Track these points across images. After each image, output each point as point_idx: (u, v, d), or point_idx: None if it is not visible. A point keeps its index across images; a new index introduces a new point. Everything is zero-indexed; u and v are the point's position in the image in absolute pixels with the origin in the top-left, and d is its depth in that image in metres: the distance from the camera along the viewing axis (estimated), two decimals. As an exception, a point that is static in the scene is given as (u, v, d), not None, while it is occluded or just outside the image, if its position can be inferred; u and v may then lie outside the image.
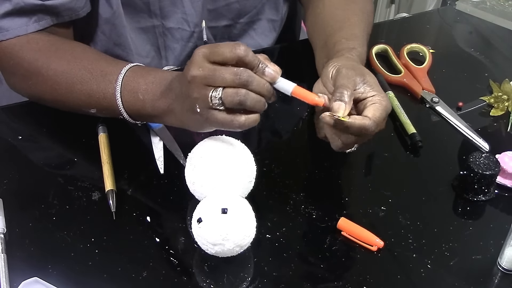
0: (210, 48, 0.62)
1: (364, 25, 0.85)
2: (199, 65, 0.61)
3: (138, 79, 0.71)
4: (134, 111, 0.72)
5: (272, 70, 0.62)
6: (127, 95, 0.71)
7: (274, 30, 1.02)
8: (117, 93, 0.71)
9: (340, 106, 0.64)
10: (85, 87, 0.74)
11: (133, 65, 0.74)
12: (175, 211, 0.70)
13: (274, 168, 0.76)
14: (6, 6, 0.74)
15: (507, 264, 0.64)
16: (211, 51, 0.61)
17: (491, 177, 0.71)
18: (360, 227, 0.67)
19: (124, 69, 0.72)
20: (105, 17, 0.86)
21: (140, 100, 0.70)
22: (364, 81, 0.68)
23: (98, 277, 0.62)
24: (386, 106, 0.67)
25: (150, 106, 0.70)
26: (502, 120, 0.88)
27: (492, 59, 1.03)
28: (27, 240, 0.65)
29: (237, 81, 0.60)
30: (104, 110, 0.75)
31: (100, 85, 0.73)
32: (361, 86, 0.68)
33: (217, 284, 0.62)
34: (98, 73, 0.73)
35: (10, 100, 0.85)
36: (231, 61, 0.61)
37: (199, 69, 0.61)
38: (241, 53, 0.60)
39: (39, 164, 0.77)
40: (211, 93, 0.61)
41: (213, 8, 0.93)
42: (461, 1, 1.16)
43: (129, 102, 0.72)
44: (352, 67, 0.70)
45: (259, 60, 0.62)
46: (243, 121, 0.62)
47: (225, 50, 0.61)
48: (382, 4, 2.13)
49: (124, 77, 0.72)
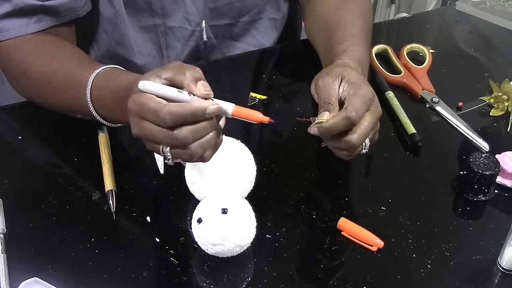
0: (138, 108, 0.57)
1: (361, 22, 0.85)
2: (137, 125, 0.58)
3: (103, 90, 0.69)
4: (110, 119, 0.72)
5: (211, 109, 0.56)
6: (98, 105, 0.71)
7: (276, 29, 1.02)
8: (89, 104, 0.71)
9: (323, 114, 0.66)
10: (65, 93, 0.74)
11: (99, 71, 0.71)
12: (175, 211, 0.70)
13: (274, 168, 0.76)
14: (5, 7, 0.74)
15: (507, 264, 0.64)
16: (140, 110, 0.57)
17: (491, 177, 0.71)
18: (360, 227, 0.67)
19: (91, 77, 0.70)
20: (107, 16, 0.86)
21: (110, 109, 0.70)
22: (342, 80, 0.69)
23: (98, 277, 0.62)
24: (364, 93, 0.67)
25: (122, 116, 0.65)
26: (502, 120, 0.88)
27: (492, 59, 1.03)
28: (27, 240, 0.65)
29: (176, 144, 0.57)
30: (87, 116, 0.74)
31: (75, 94, 0.72)
32: (344, 86, 0.68)
33: (217, 284, 0.62)
34: (71, 81, 0.73)
35: (13, 100, 0.86)
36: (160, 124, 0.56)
37: (139, 130, 0.58)
38: (168, 121, 0.55)
39: (39, 164, 0.77)
40: (161, 149, 0.58)
41: (215, 7, 0.93)
42: (461, 1, 1.16)
43: (102, 112, 0.71)
44: (328, 72, 0.70)
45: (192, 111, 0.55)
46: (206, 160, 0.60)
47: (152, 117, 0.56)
48: (382, 4, 2.13)
49: (92, 88, 0.70)
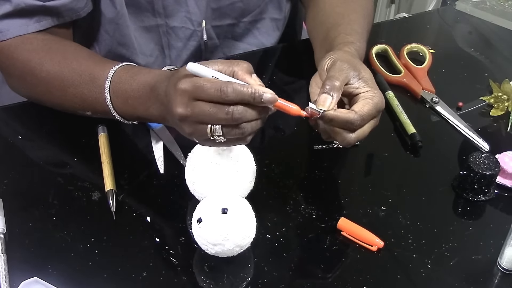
0: (194, 87, 0.58)
1: (364, 22, 0.85)
2: (186, 105, 0.59)
3: (124, 85, 0.70)
4: (128, 115, 0.72)
5: (269, 95, 0.58)
6: (117, 101, 0.71)
7: (278, 29, 1.02)
8: (107, 99, 0.71)
9: (326, 99, 0.63)
10: (77, 90, 0.74)
11: (118, 67, 0.72)
12: (175, 211, 0.70)
13: (274, 168, 0.76)
14: (6, 7, 0.74)
15: (507, 264, 0.64)
16: (195, 91, 0.58)
17: (491, 177, 0.71)
18: (360, 227, 0.67)
19: (110, 74, 0.71)
20: (109, 17, 0.86)
21: (131, 105, 0.70)
22: (359, 76, 0.68)
23: (98, 277, 0.62)
24: (377, 103, 0.66)
25: (143, 111, 0.69)
26: (502, 120, 0.88)
27: (492, 59, 1.03)
28: (27, 240, 0.65)
29: (230, 120, 0.58)
30: (99, 113, 0.74)
31: (91, 89, 0.73)
32: (355, 81, 0.67)
33: (217, 284, 0.62)
34: (87, 76, 0.73)
35: (13, 101, 0.85)
36: (218, 101, 0.58)
37: (188, 109, 0.59)
38: (229, 97, 0.57)
39: (39, 164, 0.77)
40: (210, 130, 0.59)
41: (217, 7, 0.93)
42: (461, 1, 1.16)
43: (120, 107, 0.72)
44: (347, 60, 0.69)
45: (252, 92, 0.58)
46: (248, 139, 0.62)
47: (211, 92, 0.58)
48: (382, 4, 2.13)
49: (111, 83, 0.71)
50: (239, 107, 0.58)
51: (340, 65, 0.67)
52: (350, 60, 0.70)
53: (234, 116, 0.58)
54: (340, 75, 0.66)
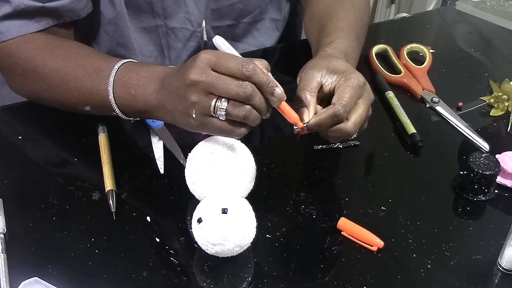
0: (217, 57, 0.60)
1: (353, 18, 0.85)
2: (202, 71, 0.60)
3: (130, 74, 0.70)
4: (127, 107, 0.72)
5: (280, 91, 0.61)
6: (119, 90, 0.71)
7: (277, 29, 1.02)
8: (109, 89, 0.71)
9: (303, 113, 0.66)
10: (79, 84, 0.73)
11: (126, 61, 0.73)
12: (175, 211, 0.70)
13: (274, 168, 0.76)
14: (6, 8, 0.74)
15: (507, 264, 0.64)
16: (217, 61, 0.60)
17: (491, 177, 0.71)
18: (360, 227, 0.67)
19: (117, 64, 0.72)
20: (108, 17, 0.86)
21: (132, 95, 0.70)
22: (329, 71, 0.68)
23: (98, 277, 0.62)
24: (353, 82, 0.67)
25: (142, 101, 0.69)
26: (502, 120, 0.88)
27: (492, 59, 1.03)
28: (27, 240, 0.65)
29: (242, 94, 0.59)
30: (98, 107, 0.74)
31: (94, 81, 0.72)
32: (327, 79, 0.68)
33: (217, 284, 0.62)
34: (92, 70, 0.73)
35: (14, 101, 0.85)
36: (237, 76, 0.60)
37: (202, 75, 0.60)
38: (249, 72, 0.59)
39: (39, 164, 0.77)
40: (215, 102, 0.60)
41: (216, 8, 0.93)
42: (461, 1, 1.16)
43: (121, 97, 0.71)
44: (316, 65, 0.70)
45: (268, 80, 0.60)
46: (243, 132, 0.62)
47: (232, 64, 0.59)
48: (382, 4, 2.13)
49: (116, 73, 0.71)
50: (253, 85, 0.59)
51: (309, 73, 0.69)
52: (319, 63, 0.71)
53: (246, 90, 0.59)
54: (310, 83, 0.68)
